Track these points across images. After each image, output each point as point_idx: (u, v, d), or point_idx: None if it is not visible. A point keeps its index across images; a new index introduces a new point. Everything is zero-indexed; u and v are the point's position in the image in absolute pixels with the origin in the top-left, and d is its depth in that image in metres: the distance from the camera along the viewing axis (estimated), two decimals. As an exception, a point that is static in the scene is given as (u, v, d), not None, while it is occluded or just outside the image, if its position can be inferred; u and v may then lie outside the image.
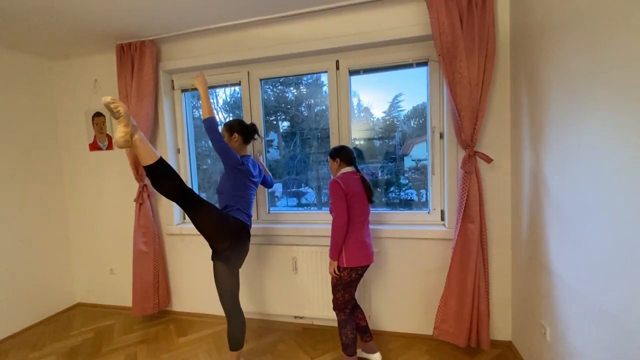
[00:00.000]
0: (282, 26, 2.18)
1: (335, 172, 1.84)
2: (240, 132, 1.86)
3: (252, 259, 2.35)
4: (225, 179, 1.79)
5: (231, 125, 1.87)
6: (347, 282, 1.73)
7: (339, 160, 1.81)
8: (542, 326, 1.58)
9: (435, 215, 2.17)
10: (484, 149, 1.92)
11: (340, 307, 1.78)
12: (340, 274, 1.72)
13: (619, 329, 1.09)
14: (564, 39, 1.32)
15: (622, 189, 1.04)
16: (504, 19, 1.85)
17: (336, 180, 1.70)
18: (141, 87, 2.35)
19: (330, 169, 1.88)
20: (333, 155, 1.83)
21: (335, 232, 1.67)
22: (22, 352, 2.23)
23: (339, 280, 1.74)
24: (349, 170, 1.79)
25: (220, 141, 1.71)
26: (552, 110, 1.44)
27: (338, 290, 1.76)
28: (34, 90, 2.65)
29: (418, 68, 2.14)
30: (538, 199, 1.59)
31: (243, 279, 2.37)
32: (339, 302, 1.78)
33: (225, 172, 1.79)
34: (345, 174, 1.75)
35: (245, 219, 1.78)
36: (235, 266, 1.80)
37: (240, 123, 1.90)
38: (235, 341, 1.79)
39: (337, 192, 1.68)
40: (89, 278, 2.90)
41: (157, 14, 2.03)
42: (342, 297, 1.76)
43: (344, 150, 1.82)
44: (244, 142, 1.90)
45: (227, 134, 1.86)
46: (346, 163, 1.80)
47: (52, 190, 2.78)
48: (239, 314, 1.79)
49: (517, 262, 1.90)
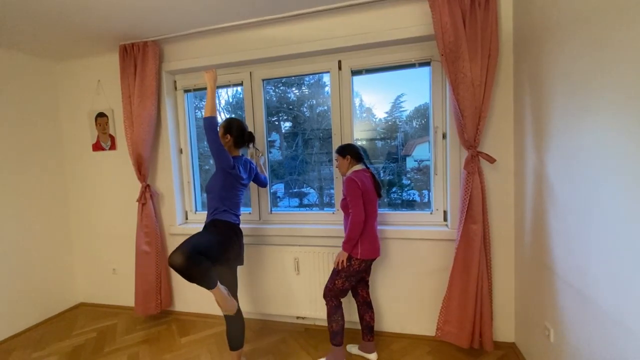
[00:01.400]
0: (285, 26, 2.18)
1: (345, 170, 1.87)
2: (236, 135, 1.85)
3: (254, 259, 2.35)
4: (215, 179, 1.80)
5: (229, 125, 1.85)
6: (355, 271, 1.78)
7: (349, 157, 1.85)
8: (546, 328, 1.57)
9: (438, 216, 2.17)
10: (487, 149, 1.91)
11: (334, 294, 1.81)
12: (351, 263, 1.76)
13: (623, 331, 1.08)
14: (568, 39, 1.31)
15: (626, 190, 1.03)
16: (507, 18, 1.84)
17: (353, 179, 1.75)
18: (144, 88, 2.36)
19: (340, 167, 1.90)
20: (342, 153, 1.86)
21: (355, 227, 1.71)
22: (25, 352, 2.24)
23: (345, 269, 1.77)
24: (359, 167, 1.84)
25: (216, 142, 1.70)
26: (555, 111, 1.43)
27: (340, 277, 1.78)
28: (37, 91, 2.66)
29: (420, 68, 2.13)
30: (541, 200, 1.59)
31: (245, 280, 2.38)
32: (336, 289, 1.80)
33: (215, 171, 1.80)
34: (358, 172, 1.81)
35: (233, 219, 1.81)
36: (233, 266, 1.83)
37: (240, 126, 1.88)
38: (236, 341, 1.81)
39: (355, 191, 1.73)
40: (92, 278, 2.91)
41: (160, 15, 2.04)
42: (342, 285, 1.79)
43: (353, 148, 1.87)
44: (235, 145, 1.88)
45: (222, 131, 1.84)
46: (356, 160, 1.85)
47: (55, 190, 2.79)
48: (237, 314, 1.79)
49: (520, 263, 1.89)
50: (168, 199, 2.61)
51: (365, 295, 1.95)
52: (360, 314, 1.95)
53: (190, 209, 2.69)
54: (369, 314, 1.94)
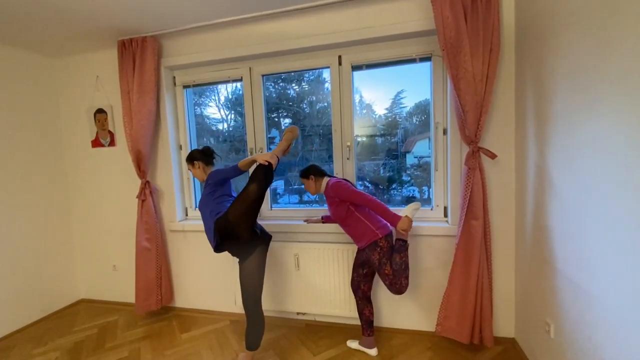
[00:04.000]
0: (285, 21, 2.17)
1: (314, 189, 1.94)
2: (200, 158, 1.96)
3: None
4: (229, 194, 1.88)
5: (190, 156, 1.97)
6: (392, 246, 1.82)
7: (312, 177, 1.92)
8: (546, 323, 1.57)
9: (439, 212, 2.16)
10: (488, 144, 1.90)
11: (399, 274, 1.76)
12: (388, 240, 1.80)
13: (623, 327, 1.08)
14: (570, 33, 1.30)
15: (627, 186, 1.03)
16: (509, 12, 1.83)
17: (335, 182, 1.83)
18: (143, 84, 2.34)
19: (308, 189, 1.97)
20: (306, 175, 1.94)
21: (377, 204, 1.74)
22: (26, 348, 2.25)
23: (387, 248, 1.78)
24: (327, 178, 1.92)
25: (228, 172, 1.80)
26: (557, 106, 1.42)
27: (395, 254, 1.77)
28: (35, 87, 2.65)
29: (421, 64, 2.12)
30: (542, 196, 1.58)
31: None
32: (399, 267, 1.76)
33: (223, 194, 1.86)
34: (330, 178, 1.90)
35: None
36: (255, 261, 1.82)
37: (197, 151, 1.99)
38: (254, 341, 1.81)
39: (346, 187, 1.80)
40: (92, 274, 2.92)
41: (159, 10, 2.02)
42: (401, 258, 1.76)
43: (313, 166, 1.96)
44: (206, 164, 1.98)
45: (190, 165, 1.97)
46: (320, 176, 1.93)
47: (55, 187, 2.79)
48: (259, 315, 1.81)
49: (520, 259, 1.89)
50: (168, 196, 2.60)
51: (366, 290, 1.95)
52: (360, 309, 1.95)
53: (190, 205, 2.69)
54: (368, 308, 1.95)
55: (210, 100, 2.82)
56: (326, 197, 1.90)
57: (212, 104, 2.82)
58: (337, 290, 2.19)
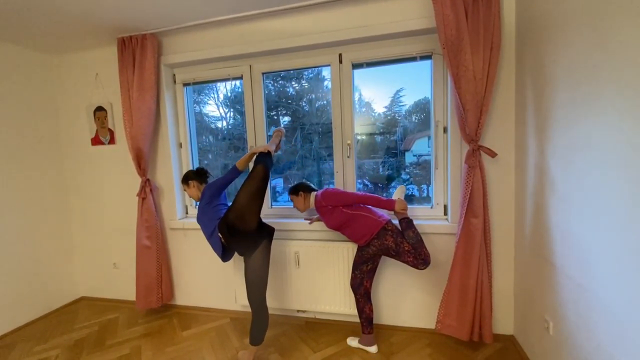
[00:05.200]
0: (285, 19, 2.16)
1: (303, 205, 2.00)
2: (194, 178, 2.04)
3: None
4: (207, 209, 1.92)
5: (185, 177, 2.05)
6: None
7: (302, 193, 1.98)
8: (545, 320, 1.58)
9: (438, 210, 2.17)
10: (488, 143, 1.90)
11: (416, 255, 1.80)
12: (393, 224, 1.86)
13: (622, 324, 1.09)
14: (571, 32, 1.30)
15: (627, 184, 1.03)
16: (510, 11, 1.83)
17: (323, 190, 1.93)
18: (143, 81, 2.33)
19: (297, 206, 2.03)
20: (295, 192, 2.00)
21: (369, 197, 1.85)
22: (27, 345, 2.25)
23: (397, 231, 1.83)
24: (314, 192, 1.98)
25: (226, 179, 1.89)
26: (557, 105, 1.43)
27: (404, 240, 1.81)
28: (35, 84, 2.64)
29: (421, 62, 2.12)
30: (542, 194, 1.59)
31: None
32: (411, 248, 1.81)
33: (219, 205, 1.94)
34: (317, 192, 1.97)
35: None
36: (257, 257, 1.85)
37: (191, 172, 2.08)
38: (258, 336, 1.84)
39: (335, 191, 1.89)
40: (93, 272, 2.92)
41: (159, 7, 2.01)
42: (413, 232, 1.83)
43: (302, 184, 2.03)
44: (200, 183, 2.06)
45: (185, 185, 2.05)
46: (308, 192, 2.00)
47: (55, 185, 2.78)
48: (265, 310, 1.85)
49: (520, 257, 1.90)
50: (168, 193, 2.60)
51: (368, 287, 1.96)
52: (360, 307, 1.96)
53: (190, 203, 2.69)
54: (368, 306, 1.96)
55: (209, 98, 2.82)
56: (318, 209, 1.93)
57: (211, 102, 2.82)
58: (337, 287, 2.20)
